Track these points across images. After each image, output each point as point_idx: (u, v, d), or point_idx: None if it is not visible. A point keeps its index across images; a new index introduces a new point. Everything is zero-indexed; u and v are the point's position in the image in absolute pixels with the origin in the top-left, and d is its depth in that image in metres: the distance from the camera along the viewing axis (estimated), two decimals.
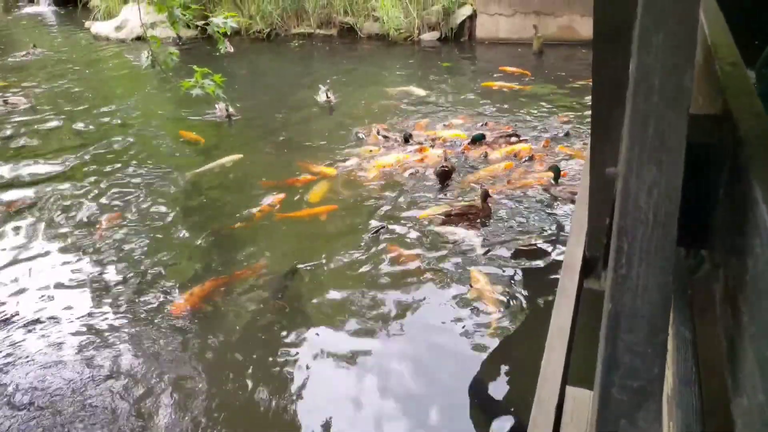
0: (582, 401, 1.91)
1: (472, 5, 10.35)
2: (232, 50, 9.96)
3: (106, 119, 7.89)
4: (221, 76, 4.87)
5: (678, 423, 1.03)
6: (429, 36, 10.61)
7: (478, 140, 6.03)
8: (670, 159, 0.65)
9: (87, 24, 13.82)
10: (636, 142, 0.68)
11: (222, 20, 4.85)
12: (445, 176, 5.43)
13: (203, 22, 5.40)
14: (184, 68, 7.80)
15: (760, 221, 0.62)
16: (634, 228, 0.68)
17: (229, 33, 4.91)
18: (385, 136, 6.50)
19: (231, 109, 7.52)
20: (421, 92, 7.97)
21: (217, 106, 7.50)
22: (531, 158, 5.69)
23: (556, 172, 5.09)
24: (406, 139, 6.34)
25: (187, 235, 5.02)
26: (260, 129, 7.28)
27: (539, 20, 9.62)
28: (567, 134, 6.24)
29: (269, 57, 11.07)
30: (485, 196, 4.81)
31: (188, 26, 5.59)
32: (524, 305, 3.87)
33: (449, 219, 4.74)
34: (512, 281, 4.08)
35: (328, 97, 7.79)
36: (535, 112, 7.09)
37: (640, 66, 0.68)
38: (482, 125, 6.64)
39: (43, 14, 16.70)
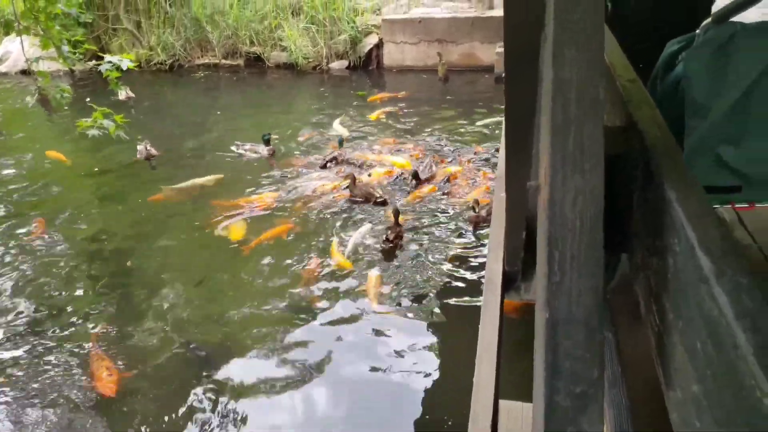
0: (515, 413, 1.94)
1: (378, 34, 10.60)
2: (132, 96, 9.33)
3: None
4: (123, 116, 4.63)
5: (611, 421, 1.07)
6: (338, 65, 10.74)
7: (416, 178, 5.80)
8: (592, 166, 0.69)
9: None
10: (558, 152, 0.71)
11: (117, 59, 4.57)
12: (383, 205, 5.40)
13: (95, 62, 5.06)
14: (80, 105, 7.36)
15: (677, 221, 0.66)
16: (563, 236, 0.70)
17: (124, 69, 4.62)
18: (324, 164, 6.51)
19: (152, 149, 6.93)
20: (341, 131, 7.59)
21: (138, 147, 6.91)
22: (449, 179, 5.83)
23: (476, 203, 5.13)
24: (341, 144, 6.63)
25: (93, 275, 4.72)
26: (179, 166, 6.88)
27: (443, 48, 9.99)
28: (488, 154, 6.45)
29: (173, 89, 10.74)
30: (397, 214, 4.83)
31: (83, 58, 5.24)
32: (452, 323, 3.93)
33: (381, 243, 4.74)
34: (438, 303, 4.13)
35: (269, 147, 6.75)
36: (447, 134, 7.28)
37: (556, 79, 0.71)
38: (396, 151, 6.74)
39: None
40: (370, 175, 6.03)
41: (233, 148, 7.05)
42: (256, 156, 6.84)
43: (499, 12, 9.66)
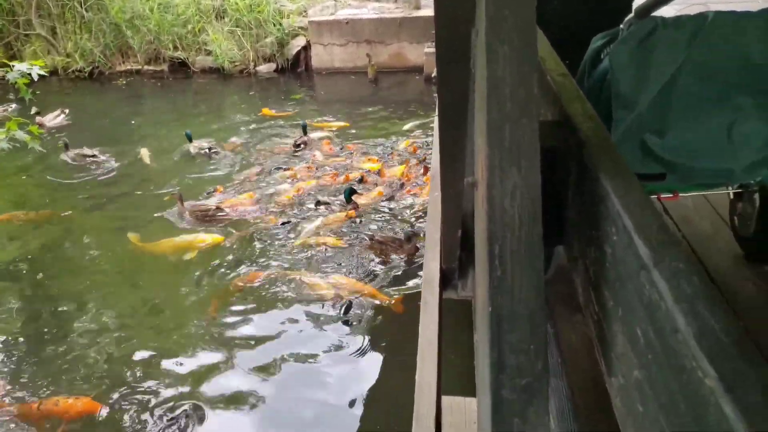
0: (459, 409, 1.96)
1: (305, 36, 10.50)
2: (66, 122, 8.64)
3: None
4: (38, 127, 4.34)
5: (553, 410, 1.10)
6: (265, 68, 10.55)
7: (350, 195, 5.33)
8: (528, 162, 0.69)
9: None
10: (495, 149, 0.71)
11: (26, 67, 4.26)
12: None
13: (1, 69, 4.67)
14: None
15: (612, 211, 0.67)
16: (503, 231, 0.71)
17: (36, 79, 4.30)
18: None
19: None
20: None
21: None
22: (402, 178, 5.86)
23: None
24: (304, 130, 6.86)
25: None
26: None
27: (371, 49, 10.02)
28: (423, 157, 6.49)
29: (95, 98, 10.16)
30: (409, 237, 4.65)
31: None
32: (392, 322, 3.94)
33: (372, 245, 4.69)
34: (377, 301, 4.14)
35: (208, 149, 6.83)
36: (380, 136, 7.29)
37: (490, 78, 0.71)
38: (341, 150, 6.77)
39: None
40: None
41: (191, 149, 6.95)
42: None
43: (426, 12, 9.79)
